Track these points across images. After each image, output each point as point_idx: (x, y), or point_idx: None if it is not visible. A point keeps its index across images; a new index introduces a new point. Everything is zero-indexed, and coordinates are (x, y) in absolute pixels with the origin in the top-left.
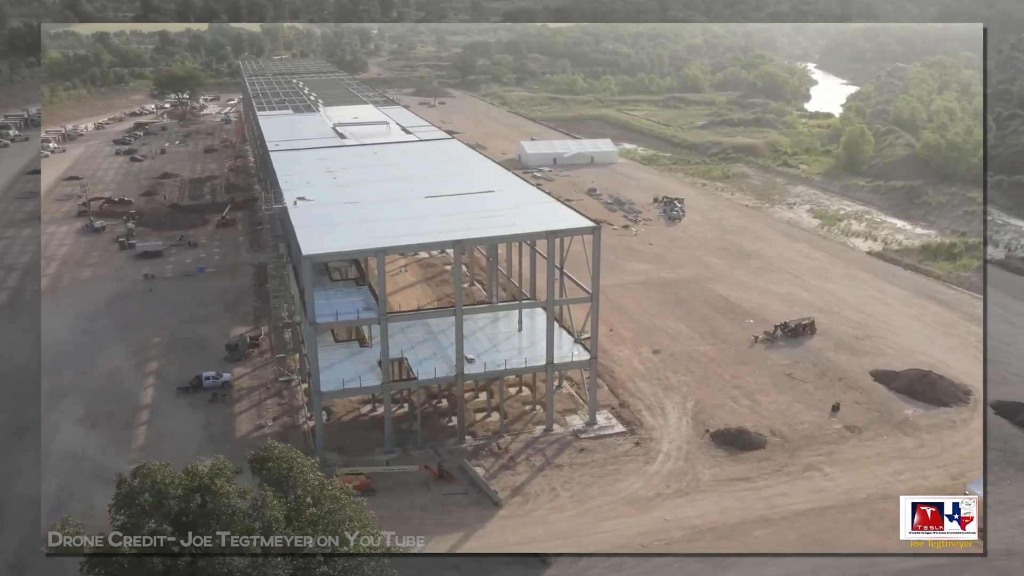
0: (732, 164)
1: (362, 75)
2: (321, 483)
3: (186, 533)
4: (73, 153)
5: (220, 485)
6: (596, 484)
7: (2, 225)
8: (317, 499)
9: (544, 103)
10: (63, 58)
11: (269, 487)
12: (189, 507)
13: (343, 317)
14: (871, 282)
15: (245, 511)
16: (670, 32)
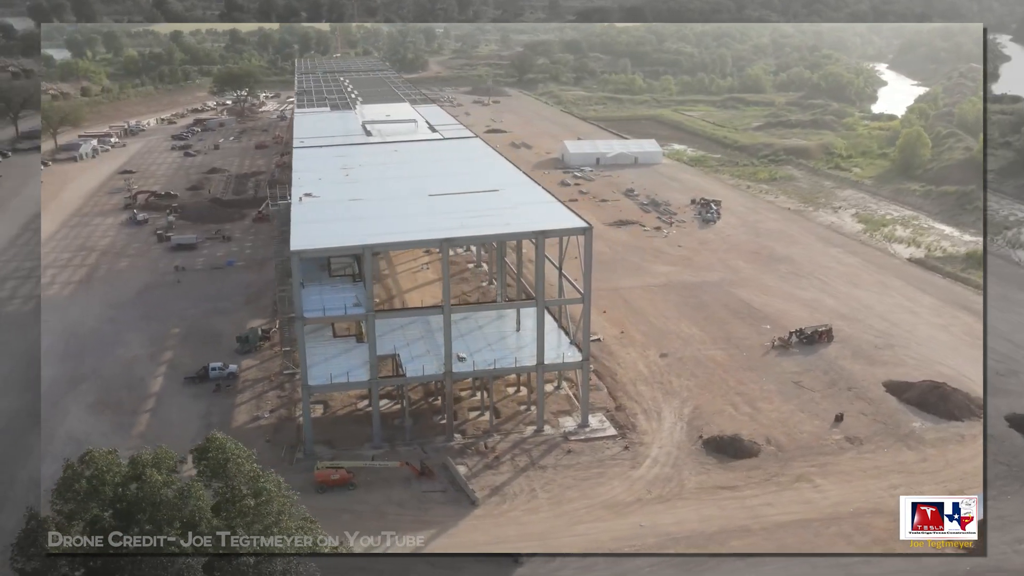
0: (781, 166)
1: (421, 73)
2: (255, 475)
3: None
4: (132, 148)
5: (150, 474)
6: (577, 487)
7: (93, 214)
8: (253, 491)
9: (600, 103)
10: (139, 56)
11: (202, 478)
12: (124, 495)
13: (330, 312)
14: (903, 290)
15: (171, 500)
16: (736, 32)
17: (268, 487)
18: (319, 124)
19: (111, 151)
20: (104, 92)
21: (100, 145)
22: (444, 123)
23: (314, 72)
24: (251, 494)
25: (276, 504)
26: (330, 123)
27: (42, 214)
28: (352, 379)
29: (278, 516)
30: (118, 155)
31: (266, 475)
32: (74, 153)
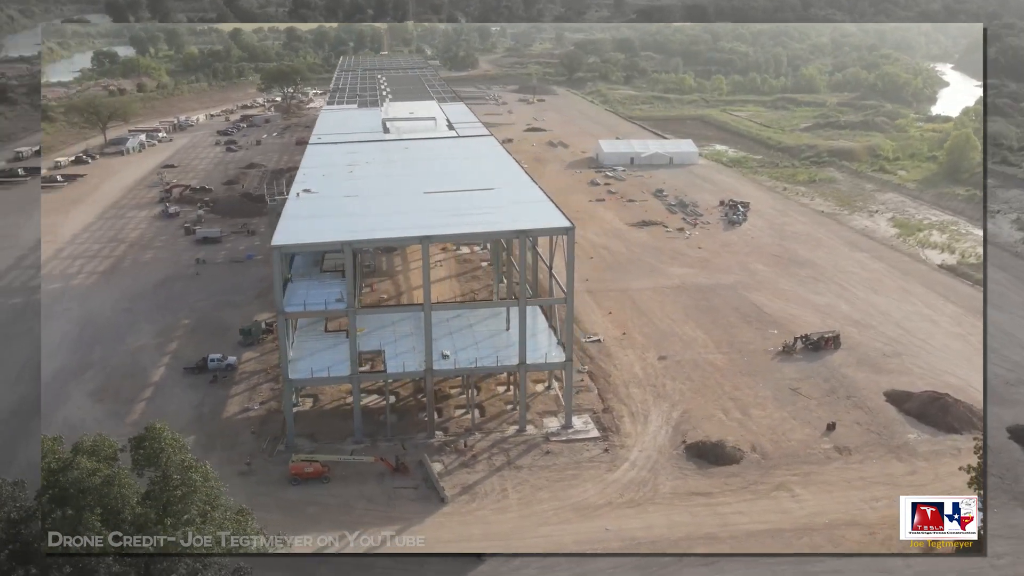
0: (823, 168)
1: (470, 71)
2: (185, 465)
3: (62, 506)
4: (178, 143)
5: (79, 461)
6: (549, 488)
7: (130, 207)
8: (183, 481)
9: (647, 102)
10: (198, 53)
11: (136, 467)
12: (57, 481)
13: (311, 307)
14: (925, 297)
15: (96, 487)
16: (795, 31)
17: (194, 477)
18: (342, 121)
19: (157, 145)
20: (159, 88)
21: (148, 140)
22: (464, 121)
23: (355, 70)
24: (181, 484)
25: (200, 495)
26: (352, 120)
27: (82, 206)
28: (333, 374)
29: (202, 508)
30: (164, 149)
31: (197, 466)
32: (121, 147)
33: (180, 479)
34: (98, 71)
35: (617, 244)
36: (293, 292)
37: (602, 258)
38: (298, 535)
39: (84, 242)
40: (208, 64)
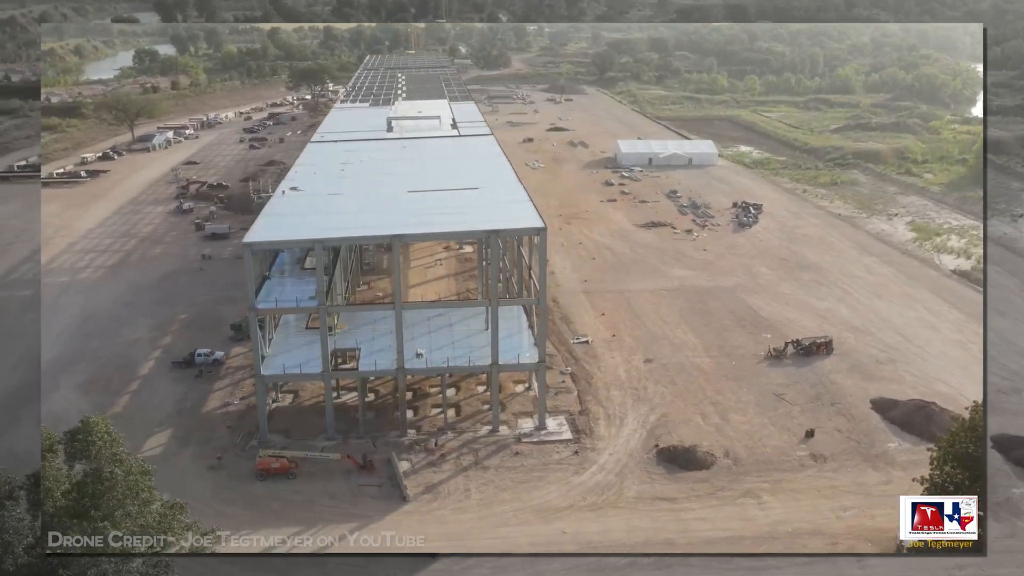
0: (847, 170)
1: (502, 70)
2: (114, 457)
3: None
4: (204, 140)
5: None
6: (513, 489)
7: (147, 203)
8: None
9: (677, 102)
10: (236, 52)
11: (68, 459)
12: None
13: (281, 304)
14: (930, 303)
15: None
16: (835, 31)
17: (116, 472)
18: (349, 119)
19: (184, 142)
20: (192, 86)
21: (174, 137)
22: (469, 120)
23: (378, 69)
24: (107, 478)
25: (119, 490)
26: (360, 118)
27: (102, 202)
28: (305, 371)
29: (121, 502)
30: (189, 146)
31: (124, 460)
32: (148, 144)
33: (109, 473)
34: (138, 69)
35: (622, 245)
36: (270, 289)
37: (604, 259)
38: (256, 530)
39: (97, 236)
40: (243, 63)
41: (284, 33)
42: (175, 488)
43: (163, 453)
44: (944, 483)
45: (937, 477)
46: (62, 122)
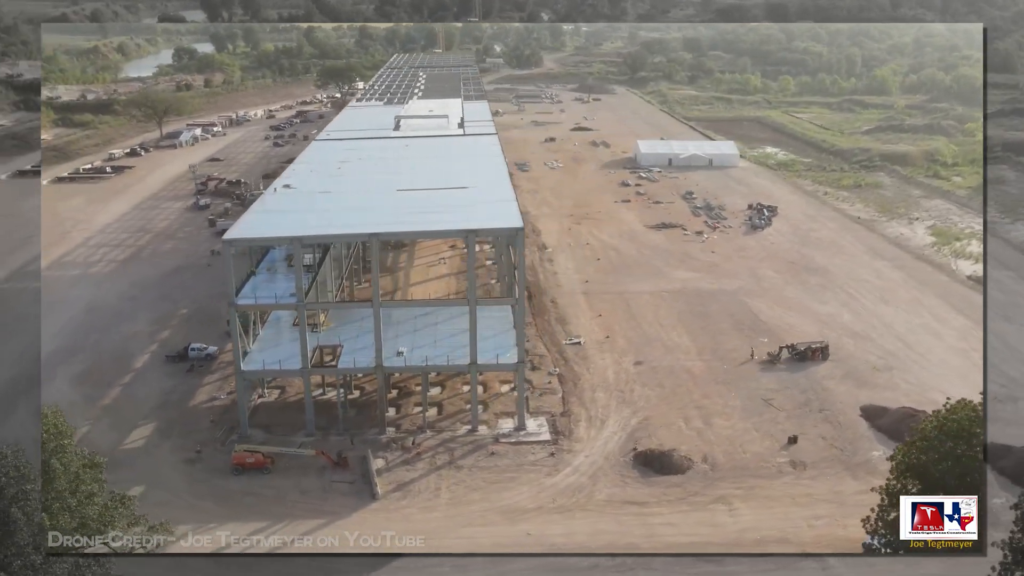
0: (872, 173)
1: (533, 70)
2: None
3: None
4: (231, 137)
5: None
6: (483, 489)
7: (166, 198)
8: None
9: (707, 103)
10: (273, 50)
11: None
12: None
13: (261, 300)
14: (937, 309)
15: None
16: (876, 31)
17: (55, 464)
18: (360, 117)
19: (210, 139)
20: (225, 83)
21: (202, 134)
22: (477, 119)
23: (401, 67)
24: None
25: (60, 483)
26: (370, 117)
27: (123, 197)
28: (285, 367)
29: (60, 495)
30: (215, 143)
31: (68, 452)
32: (175, 141)
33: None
34: (176, 67)
35: (629, 246)
36: (256, 285)
37: (609, 260)
38: (223, 524)
39: (113, 231)
40: (275, 60)
41: (320, 32)
42: (151, 481)
43: (144, 446)
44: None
45: (894, 487)
46: (95, 118)
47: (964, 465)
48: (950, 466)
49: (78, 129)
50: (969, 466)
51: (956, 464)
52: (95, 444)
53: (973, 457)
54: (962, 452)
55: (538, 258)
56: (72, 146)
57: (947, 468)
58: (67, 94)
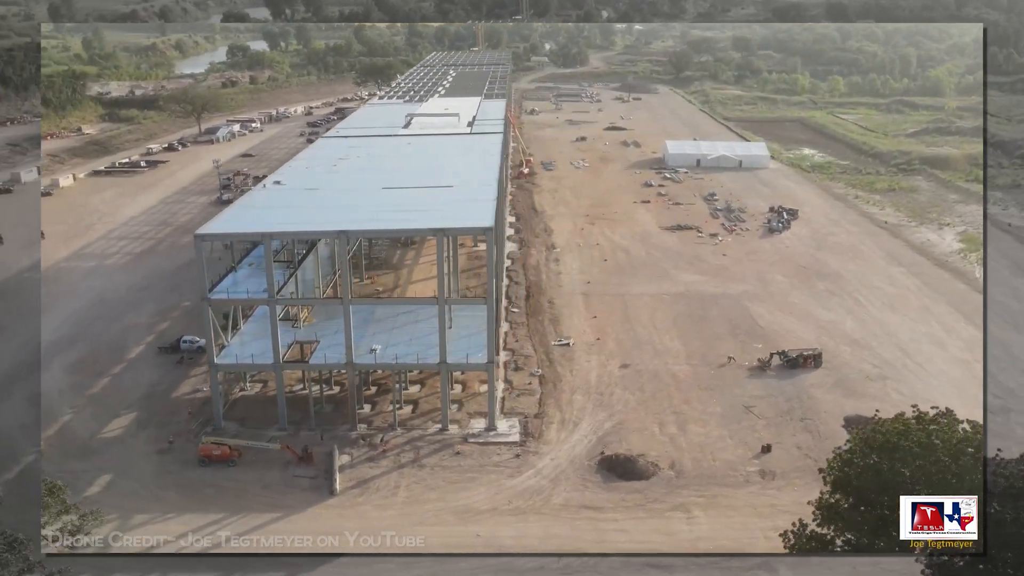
0: (909, 176)
1: (578, 68)
2: None
3: None
4: (268, 133)
5: None
6: (441, 489)
7: (193, 193)
8: None
9: (751, 103)
10: (323, 48)
11: None
12: None
13: (234, 295)
14: (946, 317)
15: None
16: (935, 30)
17: None
18: (374, 115)
19: (247, 136)
20: (269, 80)
21: (240, 130)
22: (489, 118)
23: (434, 65)
24: None
25: None
26: (384, 114)
27: (152, 191)
28: (257, 361)
29: None
30: (251, 139)
31: None
32: (212, 136)
33: None
34: (228, 64)
35: (639, 247)
36: (236, 281)
37: (616, 261)
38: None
39: (136, 224)
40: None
41: (373, 30)
42: (120, 470)
43: (120, 435)
44: (834, 508)
45: (827, 499)
46: (140, 114)
47: (884, 480)
48: (871, 480)
49: (123, 124)
50: (892, 480)
51: (876, 478)
52: (75, 432)
53: (897, 471)
54: (886, 467)
55: (544, 258)
56: (113, 140)
57: (868, 482)
58: (117, 90)
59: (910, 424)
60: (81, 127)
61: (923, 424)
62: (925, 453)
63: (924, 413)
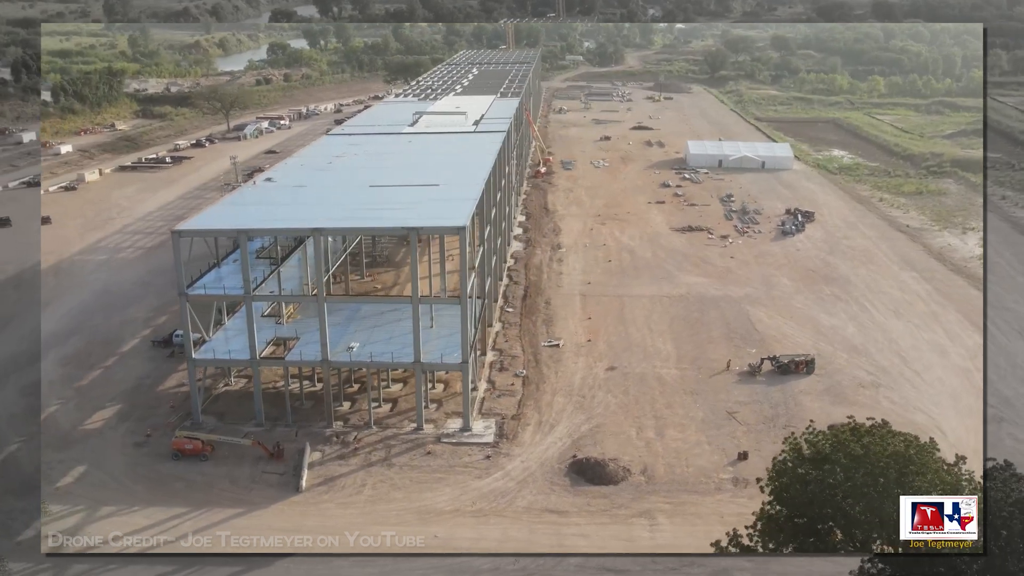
0: (940, 179)
1: (613, 67)
2: None
3: None
4: (295, 130)
5: None
6: (407, 488)
7: (213, 188)
8: None
9: (786, 103)
10: (362, 46)
11: None
12: None
13: (210, 291)
14: (953, 325)
15: None
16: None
17: None
18: (384, 113)
19: (275, 132)
20: (303, 78)
21: (268, 127)
22: (497, 117)
23: (459, 63)
24: None
25: None
26: (395, 112)
27: (173, 186)
28: (234, 357)
29: None
30: (278, 136)
31: None
32: (240, 133)
33: None
34: (268, 61)
35: (646, 248)
36: (220, 277)
37: (621, 262)
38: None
39: (152, 219)
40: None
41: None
42: (94, 462)
43: (100, 427)
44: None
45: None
46: (173, 110)
47: (812, 492)
48: (800, 492)
49: (156, 120)
50: (819, 493)
51: (805, 490)
52: (58, 423)
53: (825, 483)
54: (814, 478)
55: (548, 258)
56: (144, 136)
57: (798, 494)
58: (154, 87)
59: (842, 435)
60: (115, 123)
61: (858, 435)
62: (854, 465)
63: (860, 424)
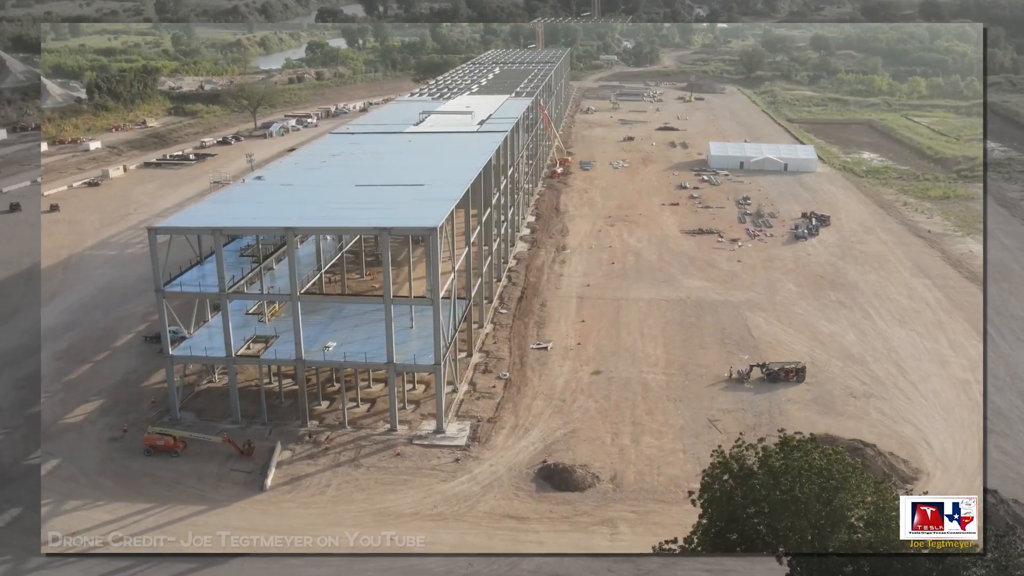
0: (969, 184)
1: (648, 67)
2: None
3: None
4: (322, 128)
5: None
6: (370, 490)
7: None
8: None
9: (821, 104)
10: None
11: None
12: None
13: (187, 288)
14: (958, 334)
15: None
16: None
17: None
18: (393, 112)
19: (301, 131)
20: (335, 77)
21: (294, 125)
22: (503, 117)
23: (484, 63)
24: None
25: None
26: (404, 112)
27: (193, 183)
28: (210, 354)
29: None
30: (304, 134)
31: None
32: (266, 131)
33: None
34: (306, 60)
35: (652, 251)
36: (202, 273)
37: (624, 264)
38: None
39: (168, 215)
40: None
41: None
42: (68, 455)
43: (81, 421)
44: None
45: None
46: (204, 108)
47: (736, 506)
48: (725, 505)
49: (187, 118)
50: (742, 507)
51: (729, 503)
52: (42, 417)
53: (754, 499)
54: (739, 494)
55: (551, 259)
56: (173, 134)
57: (723, 507)
58: (189, 85)
59: (769, 450)
60: (146, 120)
61: (786, 450)
62: (773, 481)
63: (790, 438)
